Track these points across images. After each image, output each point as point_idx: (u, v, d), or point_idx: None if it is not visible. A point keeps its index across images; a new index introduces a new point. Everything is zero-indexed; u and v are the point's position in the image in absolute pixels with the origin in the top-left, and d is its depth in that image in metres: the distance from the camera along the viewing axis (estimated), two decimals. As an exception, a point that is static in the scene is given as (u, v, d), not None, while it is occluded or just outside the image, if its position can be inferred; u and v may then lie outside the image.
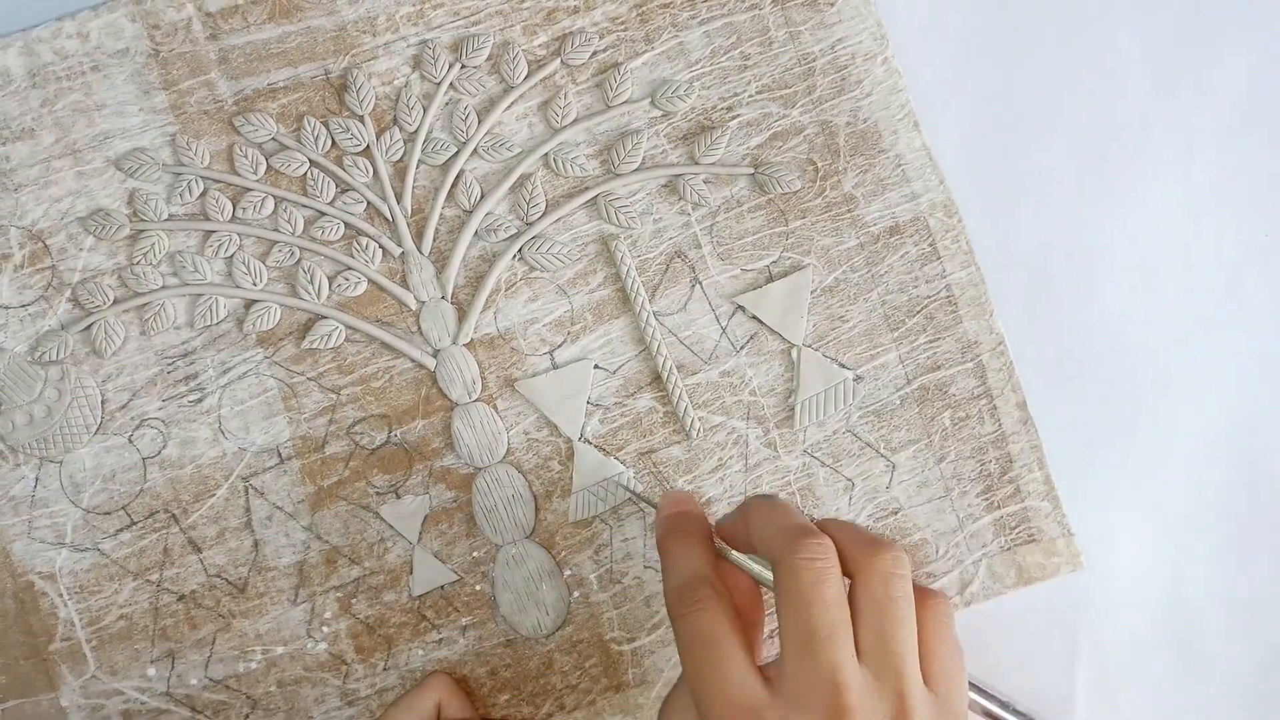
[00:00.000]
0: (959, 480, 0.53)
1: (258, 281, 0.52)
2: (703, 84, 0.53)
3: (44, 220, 0.52)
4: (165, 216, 0.52)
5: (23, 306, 0.52)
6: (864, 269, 0.53)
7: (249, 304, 0.52)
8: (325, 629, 0.52)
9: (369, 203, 0.52)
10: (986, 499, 0.53)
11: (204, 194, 0.52)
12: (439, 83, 0.53)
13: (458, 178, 0.53)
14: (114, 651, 0.51)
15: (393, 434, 0.52)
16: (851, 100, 0.53)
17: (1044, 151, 0.55)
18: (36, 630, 0.51)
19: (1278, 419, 0.55)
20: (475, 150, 0.53)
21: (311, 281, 0.52)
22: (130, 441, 0.52)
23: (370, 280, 0.52)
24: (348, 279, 0.52)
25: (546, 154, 0.53)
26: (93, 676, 0.51)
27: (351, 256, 0.52)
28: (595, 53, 0.53)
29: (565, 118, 0.53)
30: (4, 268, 0.52)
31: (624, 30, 0.53)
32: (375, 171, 0.52)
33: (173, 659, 0.51)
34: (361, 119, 0.52)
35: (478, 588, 0.52)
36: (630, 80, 0.53)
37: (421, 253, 0.52)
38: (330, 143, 0.52)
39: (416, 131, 0.52)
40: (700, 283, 0.53)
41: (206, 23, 0.52)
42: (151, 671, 0.51)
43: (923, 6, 0.55)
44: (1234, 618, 0.54)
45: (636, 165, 0.53)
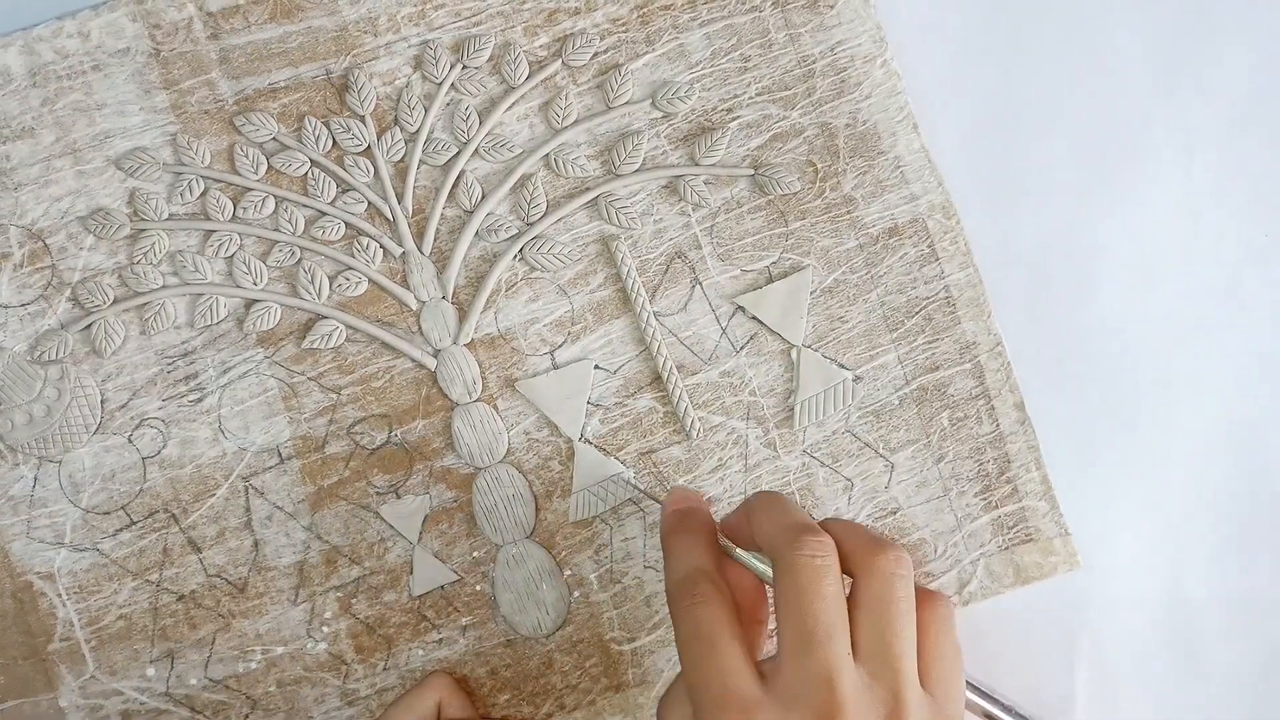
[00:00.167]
0: (957, 480, 0.53)
1: (258, 281, 0.52)
2: (703, 86, 0.53)
3: (44, 219, 0.52)
4: (166, 216, 0.52)
5: (22, 305, 0.52)
6: (863, 270, 0.53)
7: (249, 304, 0.52)
8: (325, 629, 0.52)
9: (370, 203, 0.52)
10: (984, 499, 0.53)
11: (204, 193, 0.52)
12: (440, 83, 0.53)
13: (459, 178, 0.53)
14: (113, 651, 0.51)
15: (393, 434, 0.52)
16: (851, 102, 0.53)
17: (1044, 151, 0.55)
18: (35, 630, 0.51)
19: (1278, 419, 0.55)
20: (476, 151, 0.53)
21: (312, 281, 0.52)
22: (130, 441, 0.52)
23: (371, 280, 0.52)
24: (348, 279, 0.52)
25: (547, 155, 0.53)
26: (92, 677, 0.51)
27: (352, 256, 0.52)
28: (596, 54, 0.53)
29: (566, 119, 0.53)
30: (4, 267, 0.51)
31: (625, 32, 0.53)
32: (376, 171, 0.52)
33: (172, 659, 0.51)
34: (363, 119, 0.52)
35: (478, 588, 0.52)
36: (631, 81, 0.53)
37: (422, 253, 0.52)
38: (331, 143, 0.52)
39: (417, 132, 0.53)
40: (700, 283, 0.53)
41: (207, 22, 0.52)
42: (151, 672, 0.51)
43: (922, 7, 0.55)
44: (1234, 618, 0.54)
45: (637, 166, 0.53)
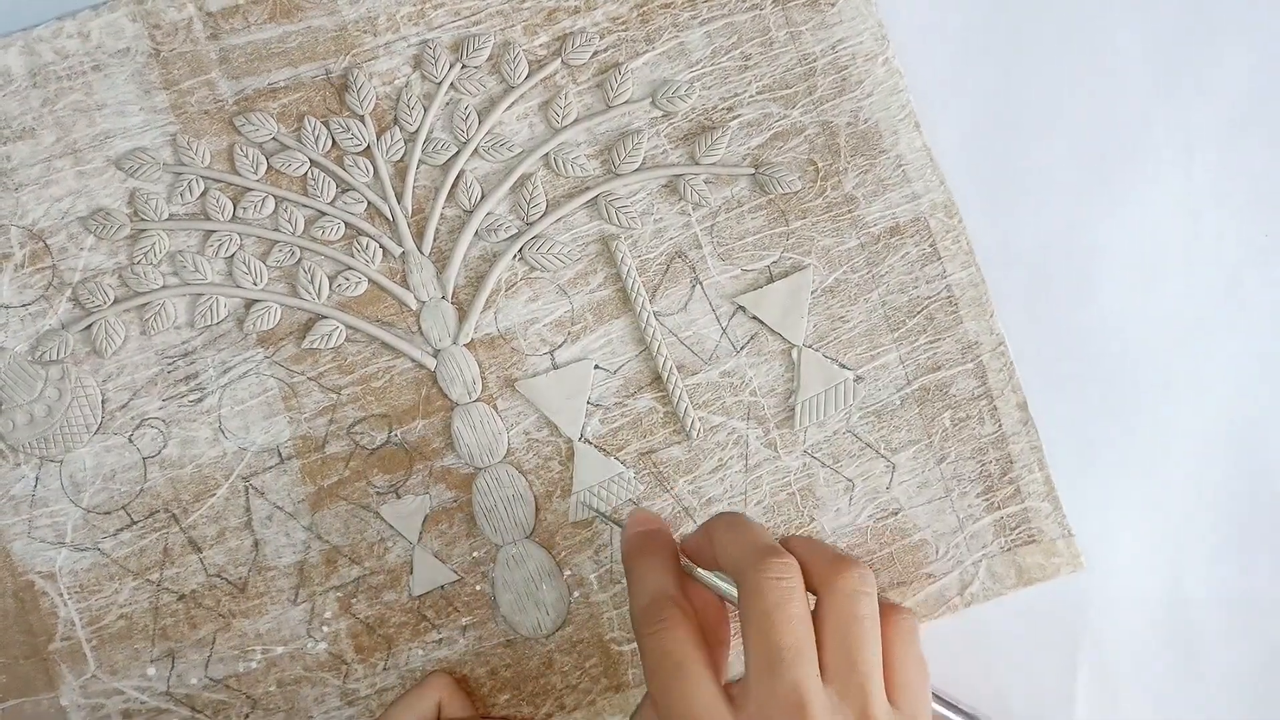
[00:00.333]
0: (959, 481, 0.53)
1: (258, 281, 0.52)
2: (703, 84, 0.53)
3: (45, 220, 0.52)
4: (166, 216, 0.52)
5: (23, 306, 0.52)
6: (864, 269, 0.53)
7: (249, 304, 0.52)
8: (325, 629, 0.52)
9: (369, 203, 0.52)
10: (987, 500, 0.53)
11: (204, 194, 0.52)
12: (440, 83, 0.53)
13: (458, 178, 0.53)
14: (114, 651, 0.51)
15: (393, 434, 0.52)
16: (852, 101, 0.53)
17: (1044, 151, 0.55)
18: (36, 630, 0.51)
19: (1278, 419, 0.55)
20: (476, 150, 0.53)
21: (312, 281, 0.52)
22: (130, 441, 0.52)
23: (371, 280, 0.52)
24: (348, 279, 0.52)
25: (547, 154, 0.53)
26: (93, 676, 0.51)
27: (352, 256, 0.52)
28: (596, 53, 0.53)
29: (566, 118, 0.53)
30: (4, 267, 0.52)
31: (625, 30, 0.53)
32: (376, 171, 0.52)
33: (173, 659, 0.51)
34: (362, 119, 0.52)
35: (478, 588, 0.52)
36: (631, 80, 0.53)
37: (422, 253, 0.52)
38: (331, 142, 0.52)
39: (417, 131, 0.52)
40: (701, 283, 0.53)
41: (207, 22, 0.52)
42: (151, 671, 0.51)
43: (923, 7, 0.55)
44: (1234, 618, 0.54)
45: (637, 165, 0.53)
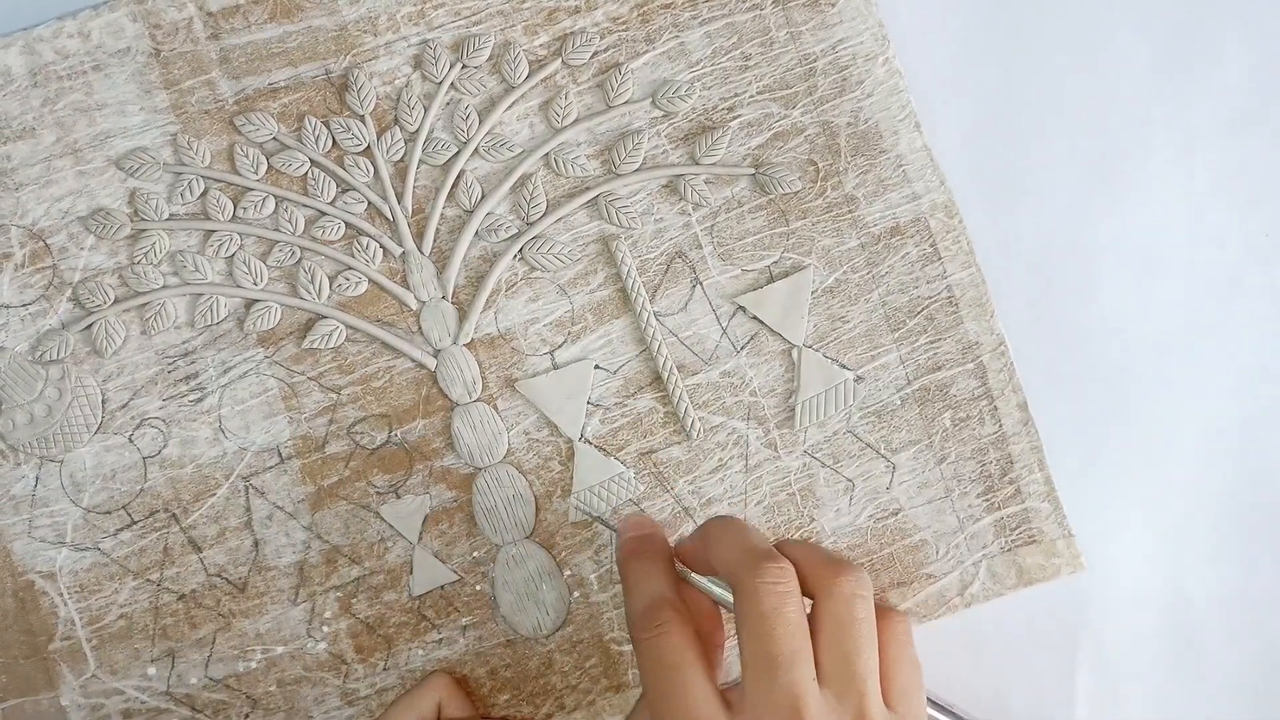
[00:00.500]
0: (959, 481, 0.53)
1: (258, 281, 0.52)
2: (704, 84, 0.53)
3: (45, 219, 0.52)
4: (166, 216, 0.52)
5: (24, 305, 0.52)
6: (865, 269, 0.53)
7: (249, 303, 0.52)
8: (325, 629, 0.52)
9: (370, 202, 0.52)
10: (987, 500, 0.53)
11: (205, 193, 0.52)
12: (440, 82, 0.53)
13: (458, 178, 0.53)
14: (114, 651, 0.51)
15: (393, 434, 0.52)
16: (852, 101, 0.53)
17: (1044, 151, 0.55)
18: (36, 629, 0.51)
19: (1278, 419, 0.55)
20: (476, 150, 0.53)
21: (312, 281, 0.52)
22: (131, 441, 0.52)
23: (371, 280, 0.52)
24: (348, 279, 0.52)
25: (547, 154, 0.53)
26: (93, 676, 0.51)
27: (352, 256, 0.52)
28: (596, 53, 0.53)
29: (566, 118, 0.53)
30: (5, 267, 0.52)
31: (625, 30, 0.53)
32: (376, 171, 0.52)
33: (173, 658, 0.51)
34: (362, 119, 0.52)
35: (478, 588, 0.52)
36: (631, 80, 0.53)
37: (422, 253, 0.52)
38: (331, 142, 0.52)
39: (417, 131, 0.52)
40: (701, 283, 0.53)
41: (208, 22, 0.52)
42: (151, 671, 0.51)
43: (923, 7, 0.55)
44: (1234, 618, 0.54)
45: (637, 165, 0.53)
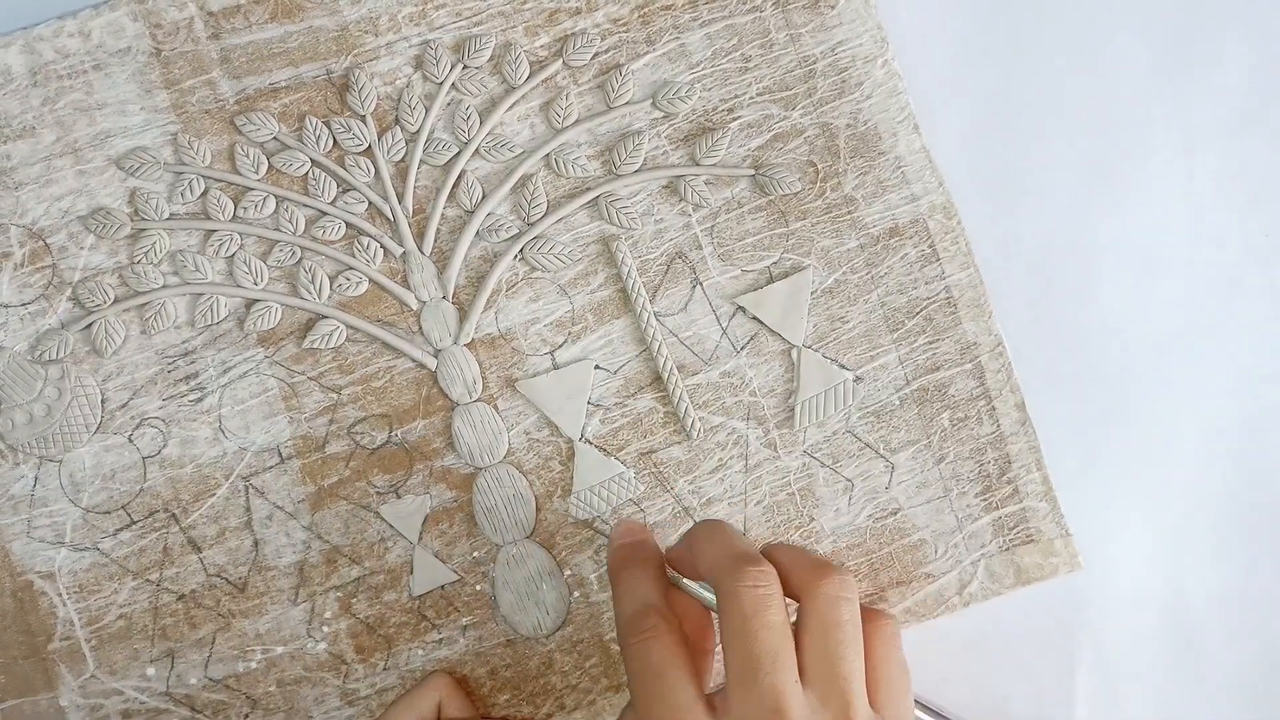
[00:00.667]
0: (958, 481, 0.53)
1: (259, 281, 0.52)
2: (704, 86, 0.53)
3: (45, 219, 0.52)
4: (166, 215, 0.52)
5: (23, 305, 0.52)
6: (864, 270, 0.53)
7: (250, 303, 0.52)
8: (325, 629, 0.52)
9: (370, 203, 0.52)
10: (985, 499, 0.53)
11: (205, 193, 0.52)
12: (441, 83, 0.53)
13: (459, 178, 0.53)
14: (113, 651, 0.51)
15: (393, 434, 0.52)
16: (852, 102, 0.53)
17: (1044, 151, 0.55)
18: (35, 630, 0.51)
19: (1278, 419, 0.55)
20: (477, 150, 0.53)
21: (312, 281, 0.52)
22: (130, 441, 0.52)
23: (371, 280, 0.52)
24: (349, 279, 0.52)
25: (548, 154, 0.53)
26: (92, 676, 0.51)
27: (353, 256, 0.52)
28: (597, 54, 0.53)
29: (567, 118, 0.53)
30: (4, 266, 0.51)
31: (625, 32, 0.53)
32: (377, 171, 0.52)
33: (172, 659, 0.51)
34: (363, 119, 0.52)
35: (478, 587, 0.52)
36: (632, 81, 0.53)
37: (423, 253, 0.52)
38: (332, 142, 0.52)
39: (418, 132, 0.53)
40: (701, 283, 0.53)
41: (208, 22, 0.52)
42: (151, 671, 0.51)
43: (923, 9, 0.55)
44: (1234, 618, 0.54)
45: (638, 166, 0.53)
